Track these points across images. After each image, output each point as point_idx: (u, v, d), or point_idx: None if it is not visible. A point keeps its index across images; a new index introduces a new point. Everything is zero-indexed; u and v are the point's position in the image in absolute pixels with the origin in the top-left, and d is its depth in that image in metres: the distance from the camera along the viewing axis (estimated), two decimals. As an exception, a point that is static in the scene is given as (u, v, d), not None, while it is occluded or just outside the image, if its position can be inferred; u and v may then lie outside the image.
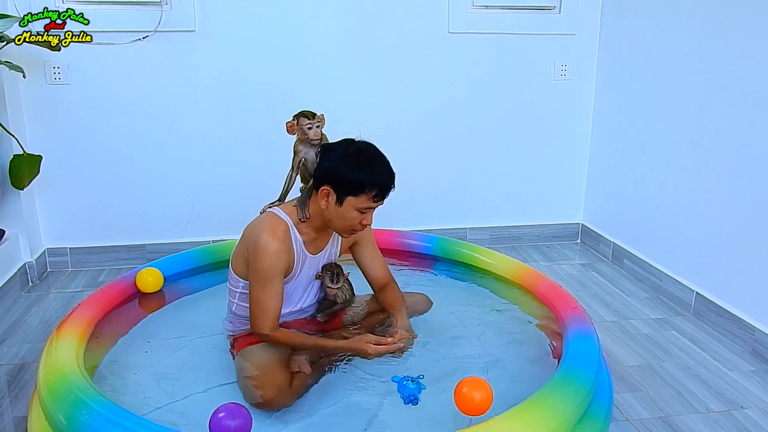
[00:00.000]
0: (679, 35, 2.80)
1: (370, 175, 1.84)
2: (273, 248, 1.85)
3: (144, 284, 2.39)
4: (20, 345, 2.40)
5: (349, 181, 1.83)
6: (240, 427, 1.40)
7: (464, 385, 1.56)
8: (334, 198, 1.85)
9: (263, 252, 1.85)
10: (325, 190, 1.86)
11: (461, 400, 1.55)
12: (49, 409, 1.56)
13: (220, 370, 1.92)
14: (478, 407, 1.52)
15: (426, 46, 3.30)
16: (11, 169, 2.77)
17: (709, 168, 2.64)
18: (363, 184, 1.83)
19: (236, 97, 3.19)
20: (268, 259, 1.85)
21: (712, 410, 2.02)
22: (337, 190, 1.84)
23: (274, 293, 1.89)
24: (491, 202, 3.61)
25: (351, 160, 1.84)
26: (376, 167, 1.86)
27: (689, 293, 2.73)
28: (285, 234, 1.89)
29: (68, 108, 3.06)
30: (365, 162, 1.85)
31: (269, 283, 1.87)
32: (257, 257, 1.86)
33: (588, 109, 3.56)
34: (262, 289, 1.87)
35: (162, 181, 3.24)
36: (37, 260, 3.06)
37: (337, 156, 1.86)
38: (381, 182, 1.85)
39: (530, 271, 2.49)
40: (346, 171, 1.83)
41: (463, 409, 1.54)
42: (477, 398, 1.53)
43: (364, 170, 1.84)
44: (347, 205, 1.85)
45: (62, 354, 1.74)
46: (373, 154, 1.89)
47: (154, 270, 2.43)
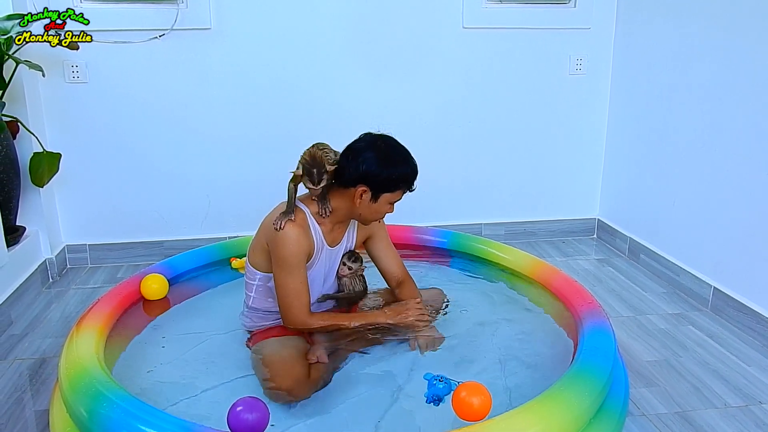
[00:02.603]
0: (696, 28, 2.77)
1: (405, 170, 1.90)
2: (293, 234, 1.87)
3: (148, 291, 2.30)
4: (41, 340, 2.44)
5: (387, 180, 1.88)
6: (258, 421, 1.41)
7: (462, 390, 1.53)
8: (369, 195, 1.89)
9: (284, 239, 1.86)
10: (361, 189, 1.89)
11: (459, 406, 1.52)
12: (70, 402, 1.59)
13: (237, 364, 1.94)
14: (477, 413, 1.49)
15: (440, 42, 3.30)
16: (31, 166, 2.80)
17: (726, 162, 2.61)
18: (400, 181, 1.90)
19: (251, 95, 3.21)
20: (290, 246, 1.86)
21: (730, 405, 2.00)
22: (373, 189, 1.89)
23: (302, 278, 1.91)
24: (506, 197, 3.60)
25: (385, 160, 1.88)
26: (409, 161, 1.92)
27: (707, 288, 2.71)
28: (304, 221, 1.92)
29: (86, 106, 3.10)
30: (399, 158, 1.91)
31: (296, 269, 1.89)
32: (278, 245, 1.87)
33: (604, 104, 3.54)
34: (290, 277, 1.88)
35: (178, 178, 3.27)
36: (57, 257, 3.10)
37: (370, 157, 1.87)
38: (414, 175, 1.92)
39: (545, 266, 2.49)
40: (382, 171, 1.87)
41: (461, 414, 1.51)
42: (475, 404, 1.50)
43: (401, 167, 1.90)
44: (382, 201, 1.91)
45: (82, 348, 1.77)
46: (401, 148, 1.94)
47: (159, 276, 2.35)
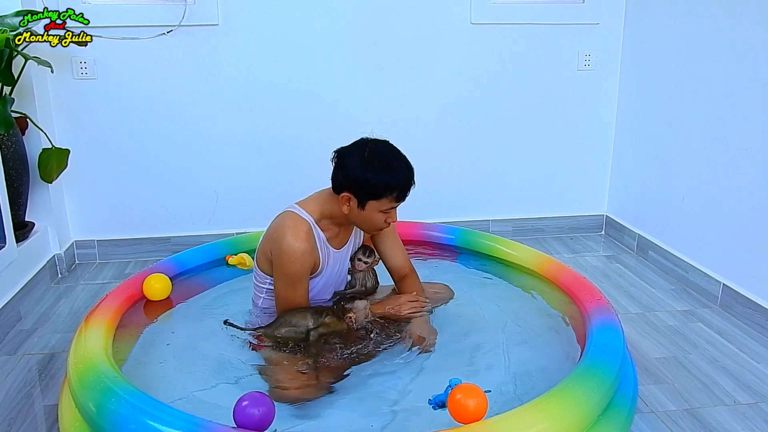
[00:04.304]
0: (705, 22, 2.75)
1: (390, 178, 1.82)
2: (298, 250, 1.86)
3: (151, 292, 2.24)
4: (50, 335, 2.45)
5: (370, 187, 1.82)
6: (263, 416, 1.41)
7: (458, 392, 1.48)
8: (356, 203, 1.85)
9: (289, 254, 1.86)
10: (345, 196, 1.86)
11: (455, 408, 1.47)
12: (78, 398, 1.59)
13: (244, 362, 1.93)
14: (473, 415, 1.45)
15: (448, 38, 3.29)
16: (40, 162, 2.82)
17: (735, 158, 2.59)
18: (383, 189, 1.82)
19: (259, 91, 3.21)
20: (295, 263, 1.87)
21: (739, 402, 1.99)
22: (357, 196, 1.84)
23: (303, 291, 1.93)
24: (514, 193, 3.59)
25: (369, 166, 1.82)
26: (394, 169, 1.84)
27: (716, 285, 2.69)
28: (308, 234, 1.89)
29: (95, 102, 3.10)
30: (384, 165, 1.83)
31: (298, 284, 1.91)
32: (283, 260, 1.87)
33: (612, 100, 3.52)
34: (291, 290, 1.91)
35: (186, 174, 3.27)
36: (65, 252, 3.11)
37: (355, 162, 1.83)
38: (401, 184, 1.84)
39: (553, 262, 2.47)
40: (365, 177, 1.81)
41: (457, 417, 1.47)
42: (471, 406, 1.45)
43: (383, 174, 1.82)
44: (370, 209, 1.86)
45: (91, 344, 1.77)
46: (390, 155, 1.87)
47: (162, 277, 2.29)
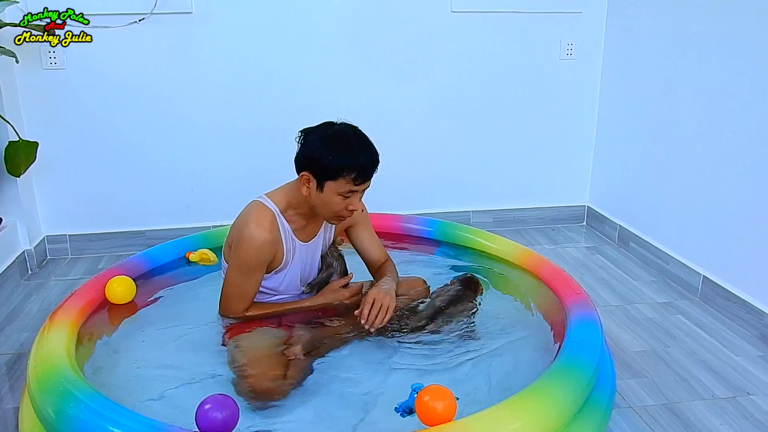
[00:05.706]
0: (689, 12, 2.71)
1: (348, 158, 1.79)
2: (259, 239, 1.85)
3: (114, 296, 2.13)
4: (19, 333, 2.39)
5: (326, 165, 1.80)
6: (227, 419, 1.36)
7: (425, 394, 1.44)
8: (315, 184, 1.83)
9: (248, 242, 1.85)
10: (305, 176, 1.84)
11: (422, 410, 1.42)
12: (37, 402, 1.53)
13: (214, 359, 1.89)
14: (442, 416, 1.40)
15: (428, 26, 3.23)
16: (6, 156, 2.73)
17: (717, 149, 2.57)
18: (340, 168, 1.79)
19: (235, 81, 3.14)
20: (252, 250, 1.85)
21: (717, 397, 1.97)
22: (316, 175, 1.82)
23: (254, 283, 1.93)
24: (495, 184, 3.55)
25: (328, 144, 1.80)
26: (353, 149, 1.81)
27: (696, 277, 2.67)
28: (272, 224, 1.88)
29: (64, 93, 3.02)
30: (343, 145, 1.81)
31: (252, 273, 1.90)
32: (241, 246, 1.86)
33: (594, 90, 3.48)
34: (243, 278, 1.90)
35: (161, 166, 3.20)
36: (36, 248, 3.04)
37: (315, 140, 1.82)
38: (359, 165, 1.80)
39: (533, 255, 2.45)
40: (322, 155, 1.79)
41: (424, 419, 1.42)
42: (439, 408, 1.41)
43: (341, 153, 1.79)
44: (328, 191, 1.82)
45: (53, 345, 1.71)
46: (351, 136, 1.85)
47: (125, 279, 2.17)
